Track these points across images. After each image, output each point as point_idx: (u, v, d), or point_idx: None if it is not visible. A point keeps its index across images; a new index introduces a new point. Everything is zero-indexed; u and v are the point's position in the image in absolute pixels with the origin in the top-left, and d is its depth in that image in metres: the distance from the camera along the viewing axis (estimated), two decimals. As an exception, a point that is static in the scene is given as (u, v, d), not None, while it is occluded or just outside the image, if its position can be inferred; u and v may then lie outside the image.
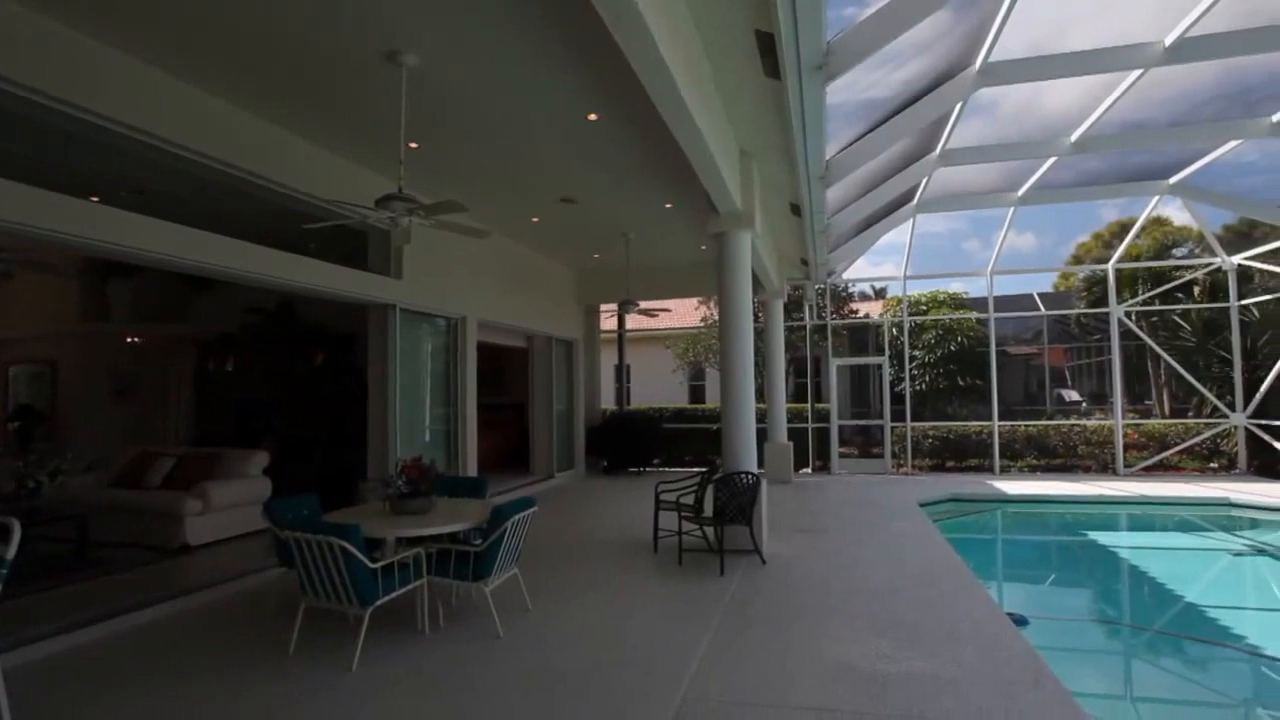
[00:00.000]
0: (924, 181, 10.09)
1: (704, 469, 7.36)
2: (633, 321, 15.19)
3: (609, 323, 15.67)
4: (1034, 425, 13.28)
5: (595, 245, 11.12)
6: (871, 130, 7.08)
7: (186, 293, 10.65)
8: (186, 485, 6.94)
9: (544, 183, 7.79)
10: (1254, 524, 9.27)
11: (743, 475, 6.41)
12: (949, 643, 4.36)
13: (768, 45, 4.43)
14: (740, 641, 4.46)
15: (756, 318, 13.86)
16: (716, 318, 7.41)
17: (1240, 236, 12.20)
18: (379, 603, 4.14)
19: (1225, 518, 9.58)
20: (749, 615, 4.98)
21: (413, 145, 6.30)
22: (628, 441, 13.33)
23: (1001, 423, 12.92)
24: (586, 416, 13.61)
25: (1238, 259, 11.88)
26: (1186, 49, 6.38)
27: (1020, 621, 5.10)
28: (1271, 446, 11.21)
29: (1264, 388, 11.39)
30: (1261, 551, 8.36)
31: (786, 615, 4.98)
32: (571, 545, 7.37)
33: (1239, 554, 8.38)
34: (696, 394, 21.43)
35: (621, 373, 15.39)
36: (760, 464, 9.02)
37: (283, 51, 4.80)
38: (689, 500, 6.89)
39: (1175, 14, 6.14)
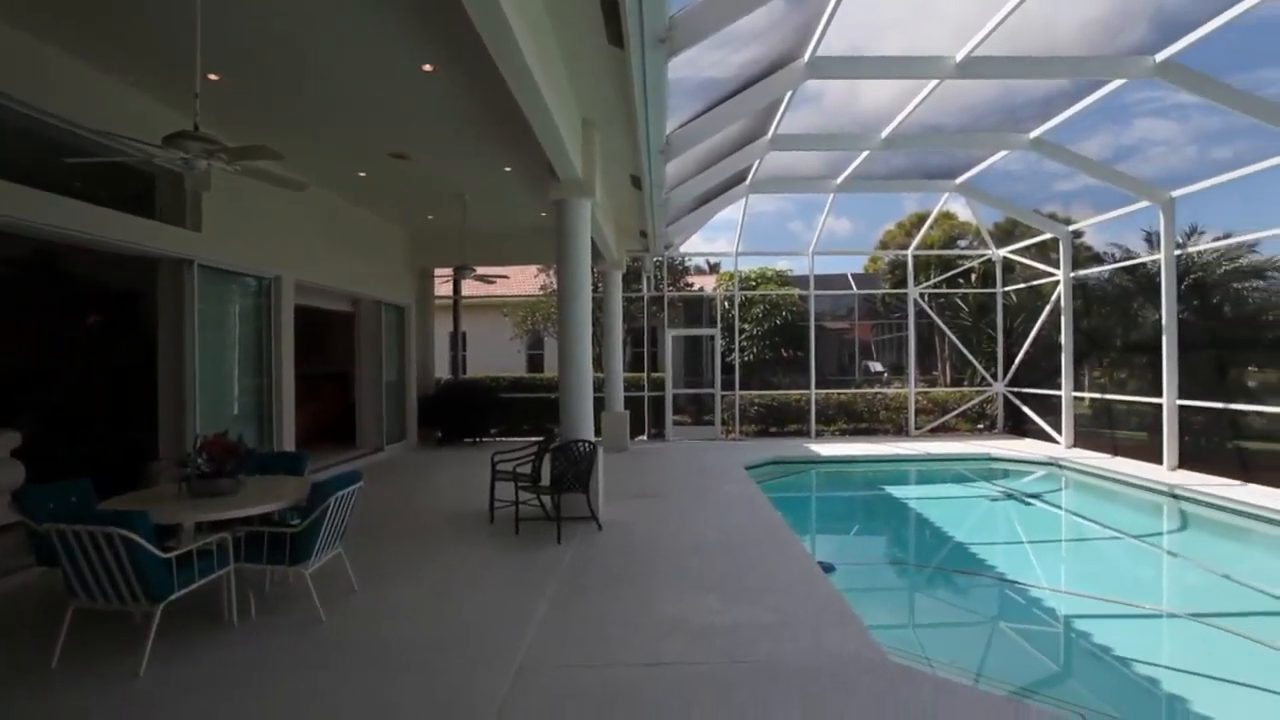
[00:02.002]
0: (757, 163, 10.65)
1: (542, 438, 7.33)
2: (469, 288, 14.64)
3: (444, 288, 14.98)
4: (845, 393, 14.77)
5: (429, 205, 10.52)
6: (710, 109, 7.32)
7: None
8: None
9: (373, 135, 7.17)
10: (1006, 474, 11.07)
11: (580, 443, 6.47)
12: (768, 592, 4.75)
13: (612, 11, 4.37)
14: (576, 606, 4.54)
15: (596, 288, 14.00)
16: (556, 286, 7.35)
17: (1006, 233, 14.28)
18: (174, 597, 3.67)
19: (986, 469, 11.33)
20: (585, 580, 5.08)
21: (213, 77, 5.49)
22: (463, 411, 12.92)
23: (818, 391, 14.21)
24: (419, 386, 12.97)
25: (1003, 252, 13.93)
26: (973, 66, 7.25)
27: (828, 569, 5.67)
28: (1021, 410, 13.40)
29: (1016, 361, 13.55)
30: (1010, 496, 10.01)
31: (622, 578, 5.13)
32: (403, 520, 7.04)
33: (995, 499, 9.97)
34: (535, 363, 21.25)
35: (457, 340, 14.82)
36: (598, 432, 9.16)
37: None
38: (526, 469, 6.85)
39: (966, 34, 6.94)
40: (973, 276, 15.53)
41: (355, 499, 4.53)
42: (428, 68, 5.53)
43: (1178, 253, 9.68)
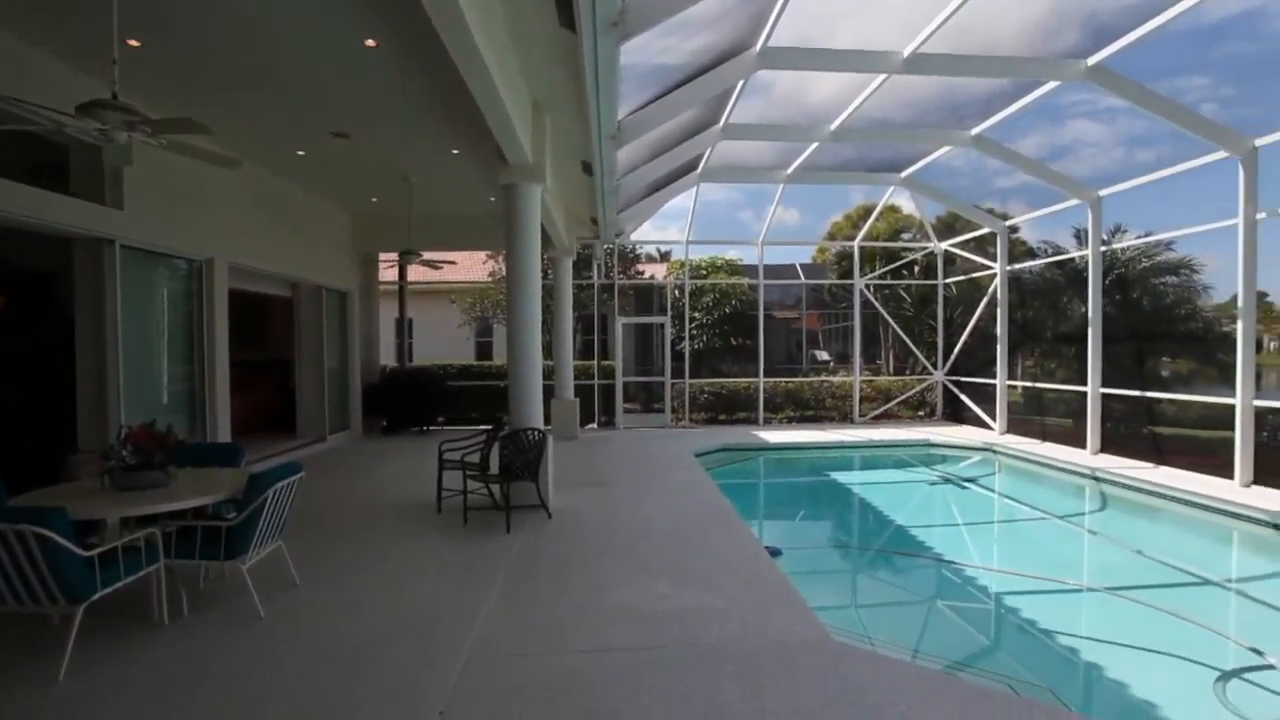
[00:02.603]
0: (708, 152, 10.69)
1: (490, 427, 7.23)
2: (415, 273, 14.30)
3: (389, 273, 14.57)
4: (792, 382, 15.04)
5: (373, 188, 10.19)
6: (662, 96, 7.29)
7: None
8: None
9: (312, 111, 6.88)
10: (944, 459, 11.50)
11: (529, 432, 6.41)
12: (717, 577, 4.82)
13: (563, -7, 4.30)
14: (526, 595, 4.51)
15: (546, 274, 13.86)
16: (505, 272, 7.23)
17: (947, 227, 14.77)
18: (96, 597, 3.48)
19: (926, 455, 11.75)
20: (535, 569, 5.05)
21: (133, 43, 5.15)
22: (410, 400, 12.64)
23: (766, 379, 14.43)
24: (364, 374, 12.61)
25: (945, 245, 14.39)
26: (919, 63, 7.43)
27: (775, 553, 5.79)
28: (959, 398, 13.92)
29: (955, 351, 14.06)
30: (948, 481, 10.41)
31: (571, 566, 5.12)
32: (347, 511, 6.85)
33: (933, 483, 10.35)
34: (484, 350, 20.95)
35: (403, 327, 14.46)
36: (547, 420, 9.10)
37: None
38: (474, 459, 6.75)
39: (912, 30, 7.09)
40: (915, 269, 16.02)
41: (295, 490, 4.38)
42: (371, 42, 5.33)
43: (1103, 249, 10.18)
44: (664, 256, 22.27)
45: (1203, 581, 6.06)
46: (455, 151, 8.10)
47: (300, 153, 8.17)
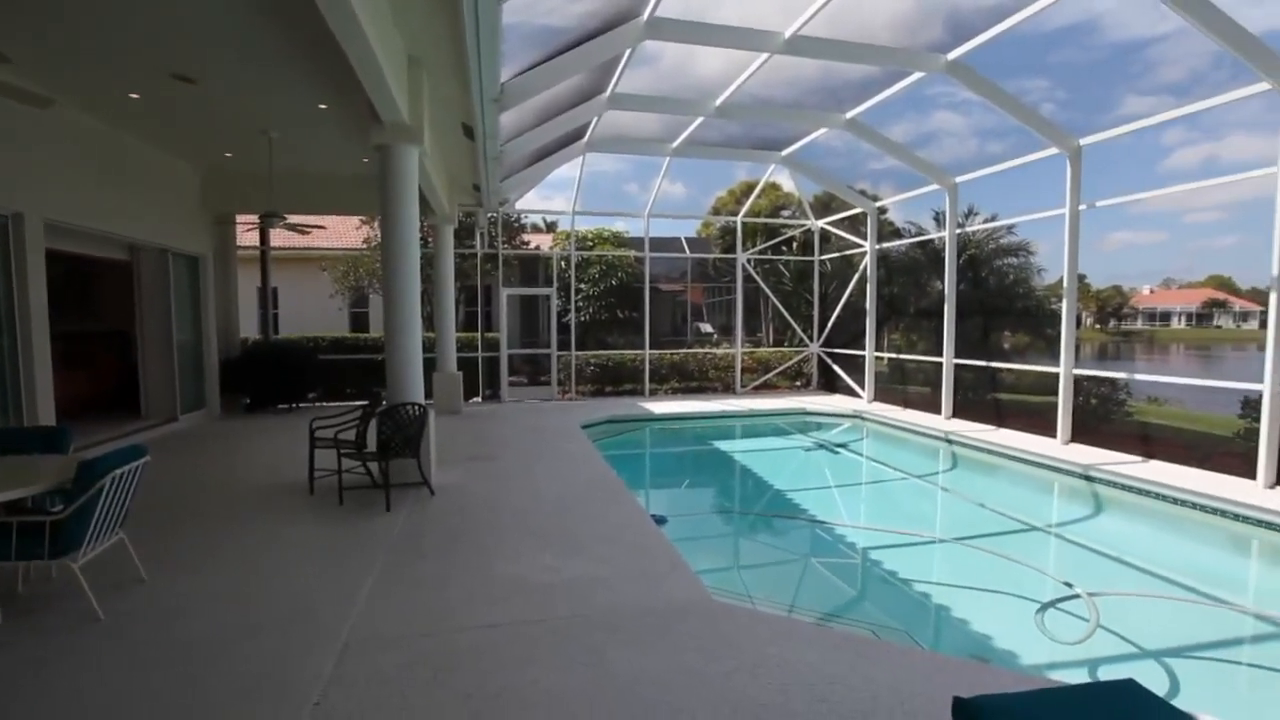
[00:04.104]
0: (595, 121, 10.54)
1: (367, 402, 6.86)
2: (280, 238, 13.19)
3: (250, 237, 13.34)
4: (677, 353, 15.38)
5: (227, 142, 9.20)
6: (548, 60, 7.07)
7: None
8: None
9: (145, 48, 6.01)
10: (818, 426, 12.24)
11: (409, 406, 6.14)
12: (604, 547, 4.87)
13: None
14: (410, 575, 4.35)
15: (425, 242, 13.25)
16: (380, 239, 6.80)
17: (824, 206, 15.52)
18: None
19: (802, 423, 12.45)
20: (419, 547, 4.88)
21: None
22: (276, 375, 11.71)
23: (652, 351, 14.65)
24: (222, 348, 11.52)
25: (821, 223, 15.14)
26: (799, 44, 7.66)
27: (661, 521, 5.93)
28: (833, 368, 14.82)
29: (829, 324, 14.92)
30: (821, 446, 11.09)
31: (458, 542, 4.99)
32: (206, 497, 6.28)
33: (808, 449, 10.99)
34: (359, 322, 19.82)
35: (266, 297, 13.32)
36: (429, 394, 8.77)
37: None
38: (349, 436, 6.38)
39: (794, 12, 7.28)
40: (794, 245, 16.77)
41: (139, 477, 3.94)
42: (218, -24, 4.76)
43: (958, 231, 11.10)
44: (550, 227, 21.93)
45: (1029, 528, 6.86)
46: (322, 106, 7.46)
47: (134, 95, 7.19)
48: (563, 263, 15.54)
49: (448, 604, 3.91)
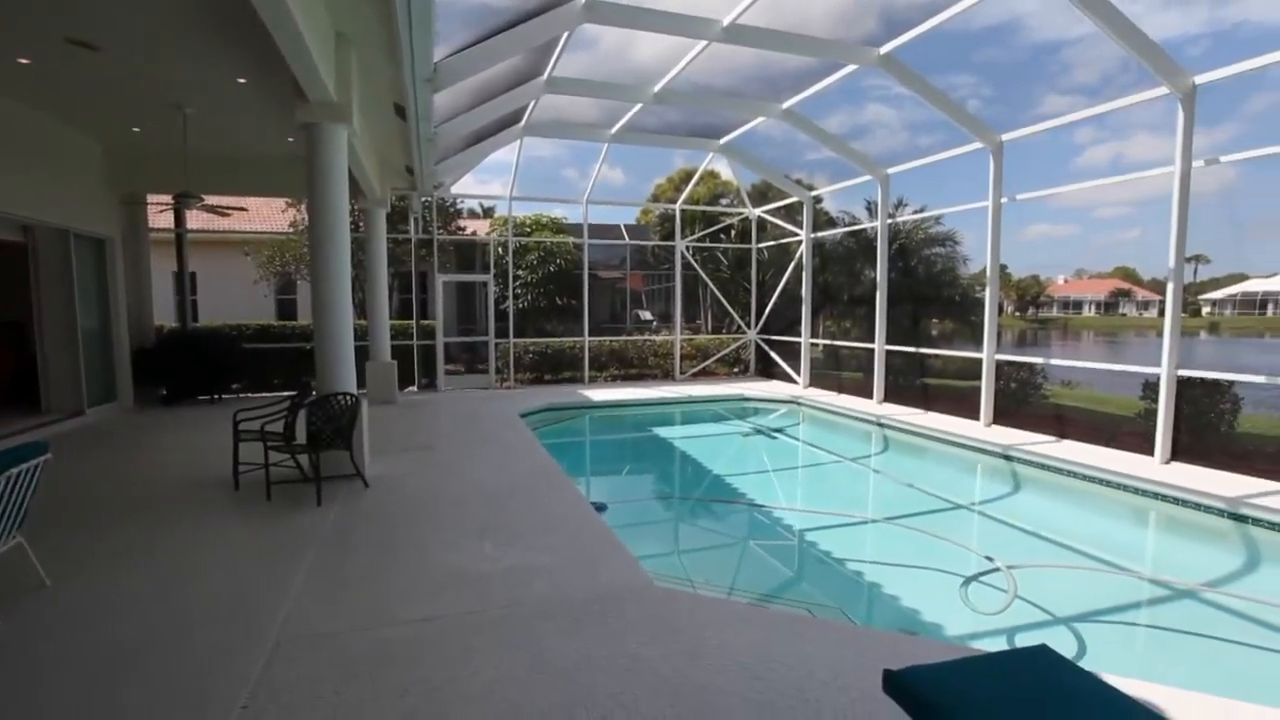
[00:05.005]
0: (532, 104, 10.35)
1: (295, 392, 6.59)
2: (198, 220, 12.47)
3: (164, 219, 12.55)
4: (617, 341, 15.37)
5: (135, 116, 8.58)
6: (484, 40, 6.88)
7: None
8: None
9: (39, 8, 5.54)
10: (756, 412, 12.48)
11: (341, 396, 5.93)
12: (544, 535, 4.84)
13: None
14: (343, 569, 4.21)
15: (356, 227, 12.79)
16: (308, 222, 6.51)
17: (761, 195, 15.74)
18: None
19: (740, 409, 12.66)
20: (352, 541, 4.73)
21: None
22: (196, 365, 11.09)
23: (591, 338, 14.59)
24: (134, 336, 10.82)
25: (758, 211, 15.36)
26: (737, 33, 7.71)
27: (601, 508, 5.94)
28: (770, 355, 15.12)
29: (767, 311, 15.21)
30: (759, 431, 11.32)
31: (393, 535, 4.87)
32: (118, 495, 5.91)
33: (746, 435, 11.20)
34: (286, 309, 18.99)
35: (183, 282, 12.56)
36: (361, 384, 8.50)
37: None
38: (277, 428, 6.12)
39: (733, 0, 7.32)
40: (732, 233, 16.98)
41: (38, 475, 3.67)
42: (122, -65, 4.41)
43: (890, 221, 11.46)
44: (487, 212, 21.52)
45: (955, 506, 7.20)
46: (242, 81, 7.06)
47: (23, 60, 6.60)
48: (500, 249, 15.25)
49: (384, 598, 3.81)
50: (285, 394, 6.98)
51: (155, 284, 11.52)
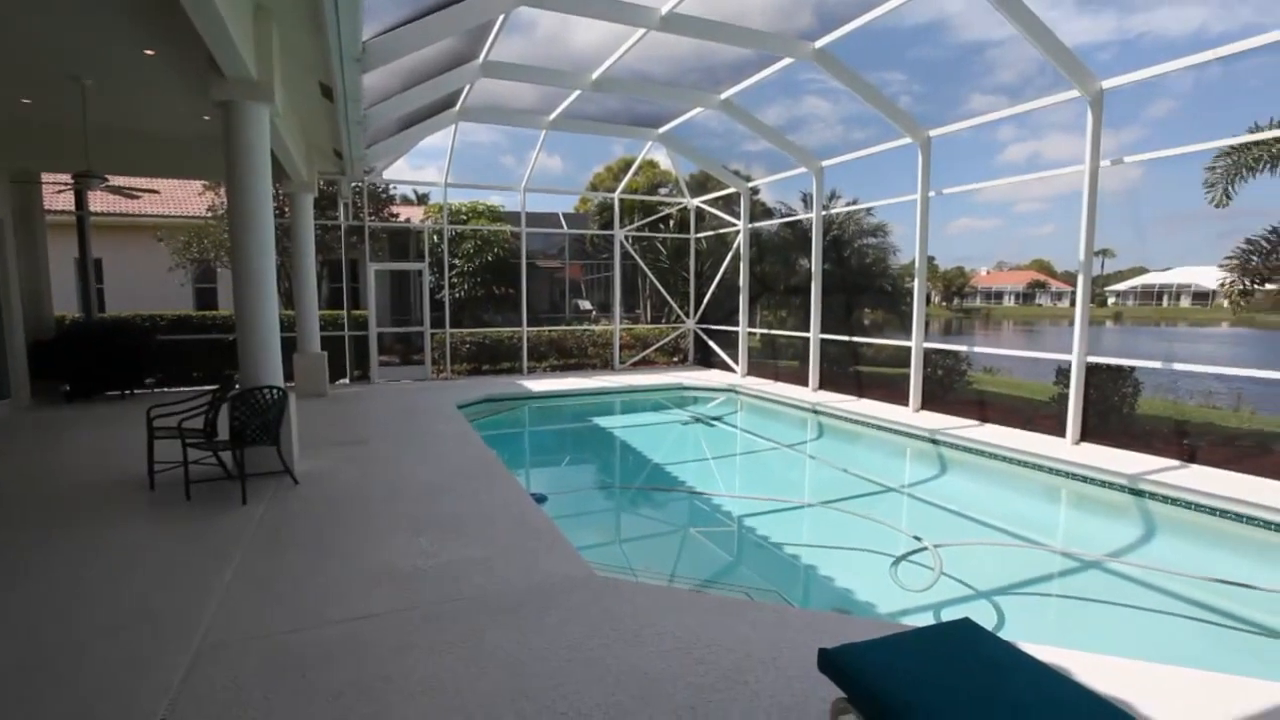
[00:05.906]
0: (467, 89, 10.09)
1: (216, 386, 6.25)
2: (104, 203, 11.63)
3: (63, 200, 11.65)
4: (556, 330, 15.25)
5: (23, 87, 7.87)
6: (417, 19, 6.65)
7: None
8: None
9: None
10: (695, 401, 12.63)
11: (266, 390, 5.66)
12: (482, 527, 4.77)
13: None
14: (271, 570, 4.04)
15: (281, 211, 12.21)
16: (226, 206, 6.16)
17: (699, 185, 15.86)
18: None
19: (679, 398, 12.78)
20: (281, 540, 4.54)
21: None
22: (103, 358, 10.37)
23: (530, 329, 14.42)
24: (30, 327, 10.03)
25: (697, 201, 15.48)
26: (675, 22, 7.70)
27: (541, 499, 5.90)
28: (708, 344, 15.31)
29: (705, 301, 15.38)
30: (698, 420, 11.47)
31: (324, 532, 4.70)
32: (15, 498, 5.48)
33: (686, 423, 11.32)
34: (206, 299, 18.00)
35: (87, 270, 11.71)
36: (289, 377, 8.15)
37: None
38: (197, 424, 5.80)
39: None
40: (671, 223, 17.04)
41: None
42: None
43: (824, 213, 11.75)
44: (421, 199, 20.91)
45: (886, 489, 7.49)
46: (149, 52, 6.59)
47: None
48: (435, 236, 14.85)
49: (316, 597, 3.67)
50: (206, 388, 6.62)
51: (55, 271, 10.70)
